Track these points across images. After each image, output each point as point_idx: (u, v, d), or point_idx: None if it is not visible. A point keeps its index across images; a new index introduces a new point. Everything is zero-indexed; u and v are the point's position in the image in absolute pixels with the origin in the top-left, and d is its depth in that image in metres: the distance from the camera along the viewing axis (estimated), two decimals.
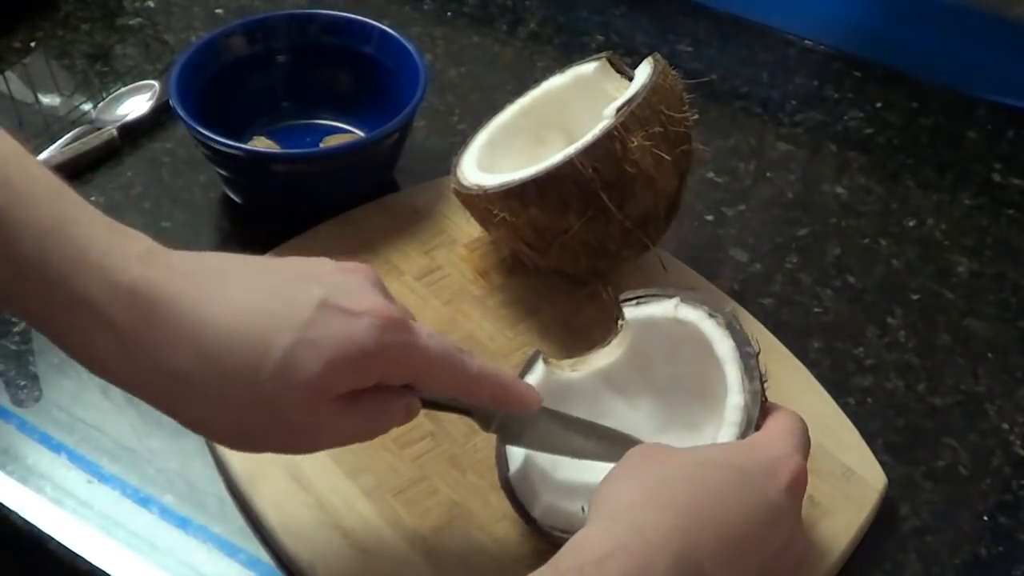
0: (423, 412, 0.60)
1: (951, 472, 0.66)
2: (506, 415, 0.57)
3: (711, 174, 0.85)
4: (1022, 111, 0.93)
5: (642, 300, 0.62)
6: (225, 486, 0.63)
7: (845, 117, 0.92)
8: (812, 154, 0.89)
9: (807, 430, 0.56)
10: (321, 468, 0.62)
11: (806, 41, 1.00)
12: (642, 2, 1.03)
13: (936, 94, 0.95)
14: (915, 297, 0.77)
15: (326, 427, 0.50)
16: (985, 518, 0.64)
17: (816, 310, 0.75)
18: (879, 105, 0.93)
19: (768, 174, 0.86)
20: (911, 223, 0.83)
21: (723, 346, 0.59)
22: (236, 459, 0.62)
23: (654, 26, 1.01)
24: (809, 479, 0.61)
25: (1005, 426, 0.69)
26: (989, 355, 0.73)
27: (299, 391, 0.48)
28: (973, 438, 0.68)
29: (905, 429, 0.68)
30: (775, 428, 0.56)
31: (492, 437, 0.59)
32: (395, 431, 0.62)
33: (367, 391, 0.50)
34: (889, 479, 0.64)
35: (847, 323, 0.75)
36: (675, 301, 0.61)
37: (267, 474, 0.61)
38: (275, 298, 0.49)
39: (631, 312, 0.62)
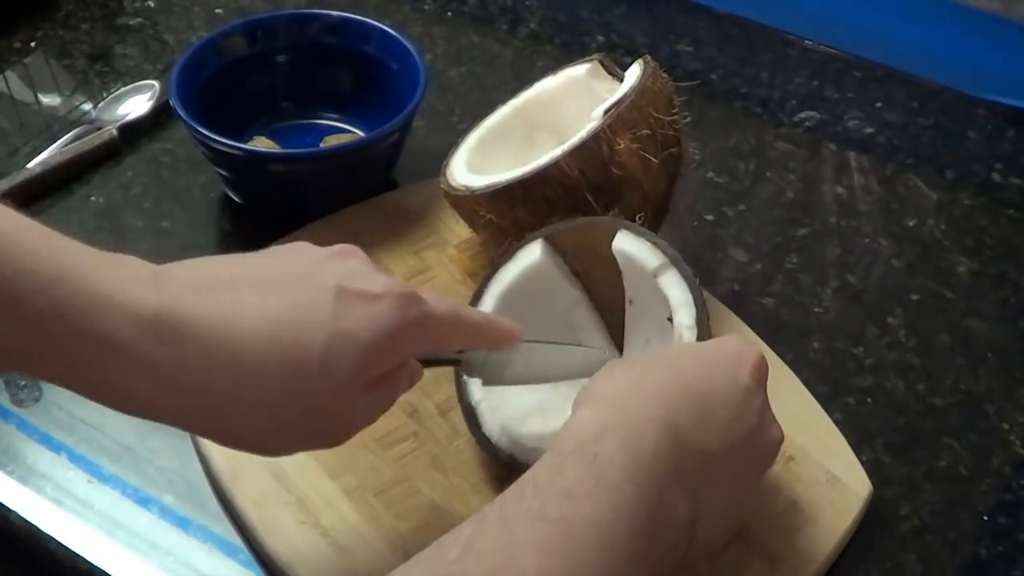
0: (409, 413, 0.61)
1: (951, 472, 0.66)
2: (488, 357, 0.58)
3: (711, 174, 0.85)
4: (1022, 111, 0.93)
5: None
6: (209, 484, 0.63)
7: (845, 117, 0.92)
8: (812, 154, 0.89)
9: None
10: (303, 467, 0.61)
11: (806, 41, 1.00)
12: (642, 2, 1.03)
13: (936, 94, 0.95)
14: (915, 297, 0.77)
15: (360, 412, 0.51)
16: (985, 518, 0.64)
17: (816, 310, 0.75)
18: (879, 105, 0.93)
19: (768, 174, 0.86)
20: (911, 223, 0.83)
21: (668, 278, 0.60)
22: (219, 457, 0.62)
23: (654, 26, 1.01)
24: (793, 485, 0.62)
25: (1005, 426, 0.69)
26: (989, 355, 0.73)
27: (342, 384, 0.48)
28: (973, 438, 0.68)
29: (905, 429, 0.68)
30: (726, 336, 0.59)
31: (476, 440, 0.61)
32: (378, 431, 0.62)
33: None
34: (889, 479, 0.64)
35: (847, 323, 0.75)
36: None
37: (249, 473, 0.61)
38: (293, 298, 0.48)
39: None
